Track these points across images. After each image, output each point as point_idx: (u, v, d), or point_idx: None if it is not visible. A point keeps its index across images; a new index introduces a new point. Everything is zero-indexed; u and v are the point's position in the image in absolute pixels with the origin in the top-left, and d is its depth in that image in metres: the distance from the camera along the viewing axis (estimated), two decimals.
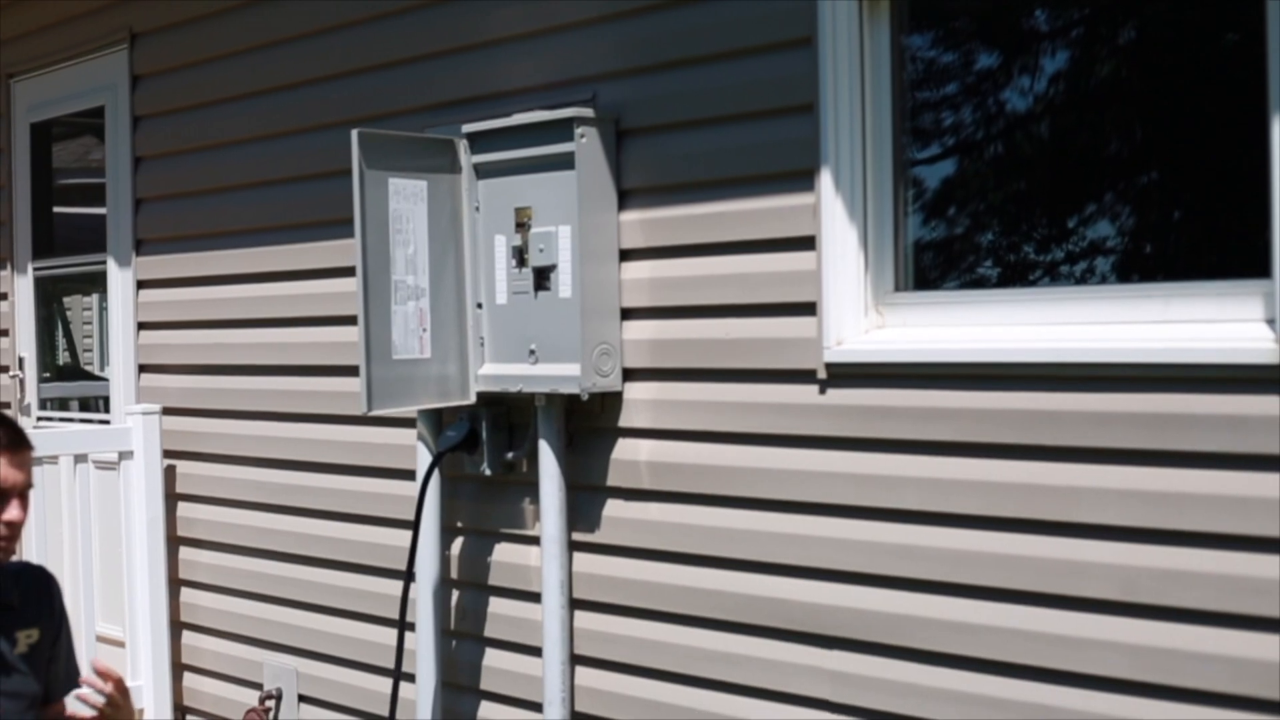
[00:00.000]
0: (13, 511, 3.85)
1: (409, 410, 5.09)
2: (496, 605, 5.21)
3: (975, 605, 3.91)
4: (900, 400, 4.06)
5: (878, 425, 4.11)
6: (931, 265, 4.29)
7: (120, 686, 3.92)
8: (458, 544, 5.34)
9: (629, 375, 4.73)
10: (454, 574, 5.34)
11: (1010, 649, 3.84)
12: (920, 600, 4.02)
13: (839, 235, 4.20)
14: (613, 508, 4.80)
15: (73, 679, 4.17)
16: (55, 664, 4.10)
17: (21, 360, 7.89)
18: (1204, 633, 3.51)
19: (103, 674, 3.91)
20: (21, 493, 3.89)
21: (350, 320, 5.20)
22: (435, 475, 5.19)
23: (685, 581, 4.59)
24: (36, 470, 6.02)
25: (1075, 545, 3.72)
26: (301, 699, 6.06)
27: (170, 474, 6.65)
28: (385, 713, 5.36)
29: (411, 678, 5.31)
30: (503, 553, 5.18)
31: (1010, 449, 3.84)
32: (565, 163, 4.69)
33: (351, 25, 5.72)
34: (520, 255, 4.85)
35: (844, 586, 4.19)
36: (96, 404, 7.74)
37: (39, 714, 4.03)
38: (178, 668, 6.67)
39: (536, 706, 4.96)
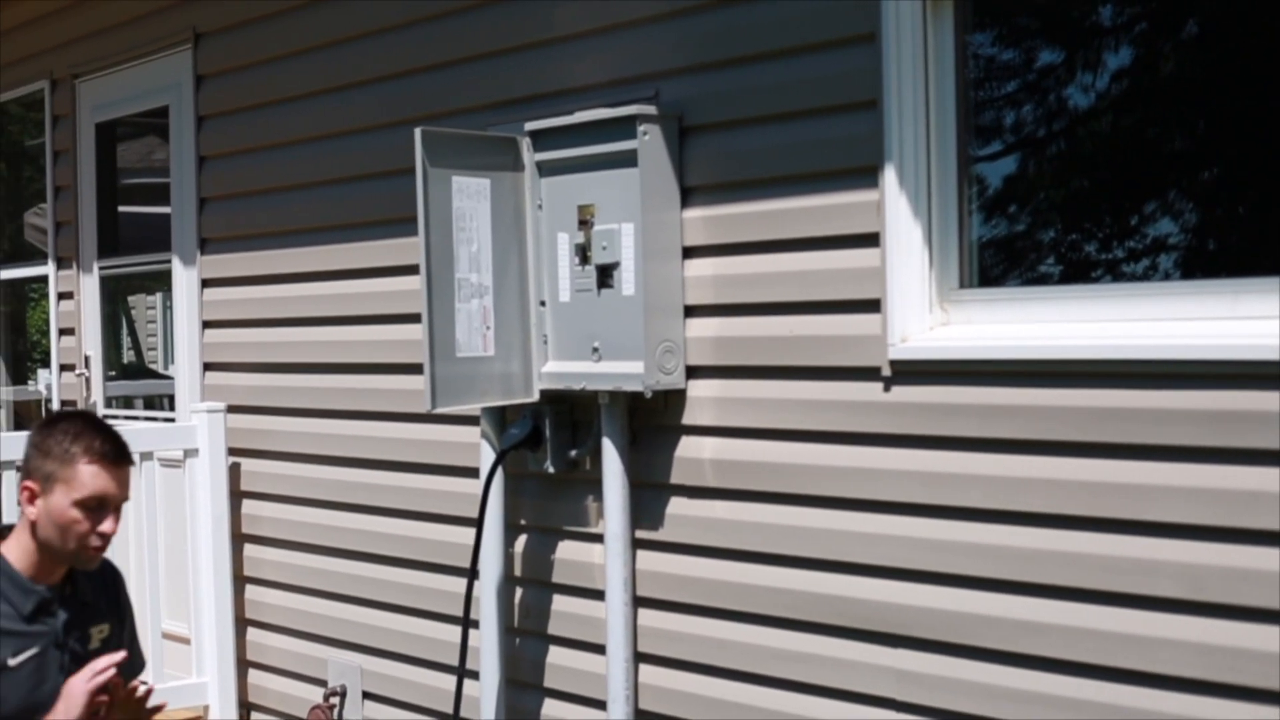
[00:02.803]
0: (108, 524, 3.94)
1: (473, 408, 5.10)
2: (560, 603, 5.21)
3: (1042, 604, 3.89)
4: (965, 398, 4.04)
5: (943, 423, 4.09)
6: (996, 262, 4.26)
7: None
8: (521, 541, 5.35)
9: (692, 373, 4.73)
10: (517, 571, 5.35)
11: (1078, 648, 3.82)
12: (987, 599, 4.00)
13: (903, 232, 4.18)
14: (676, 505, 4.79)
15: (136, 667, 4.26)
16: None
17: (87, 359, 7.94)
18: (1274, 632, 3.47)
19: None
20: (118, 506, 3.98)
21: (414, 318, 5.21)
22: (499, 473, 5.20)
23: (749, 579, 4.58)
24: None
25: (1143, 544, 3.70)
26: (366, 696, 6.08)
27: (235, 471, 6.69)
28: (449, 710, 5.38)
29: (475, 675, 5.32)
30: (566, 550, 5.18)
31: (1077, 447, 3.82)
32: (628, 160, 4.69)
33: (414, 24, 5.74)
34: (583, 253, 4.85)
35: (910, 585, 4.17)
36: (161, 402, 7.79)
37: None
38: (243, 664, 6.71)
39: (600, 704, 4.96)
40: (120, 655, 3.93)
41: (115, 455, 3.98)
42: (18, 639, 3.93)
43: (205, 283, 6.96)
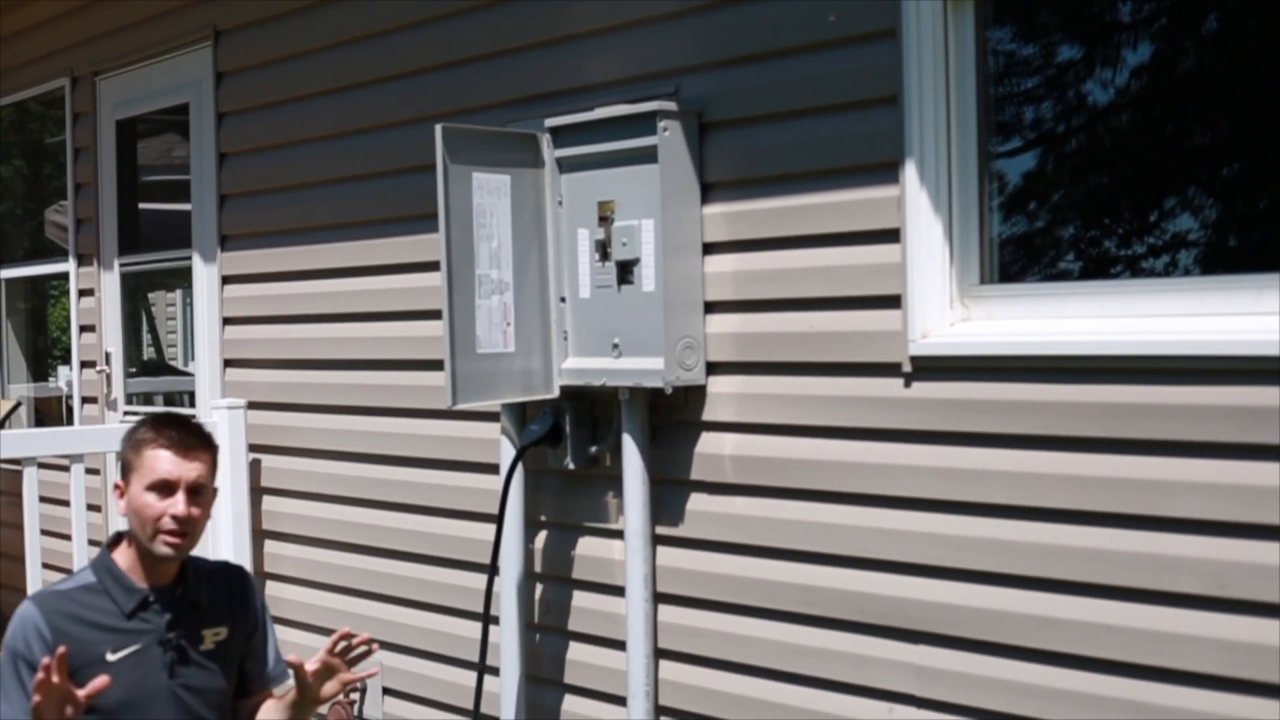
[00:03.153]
0: (179, 506, 3.97)
1: (493, 404, 5.11)
2: (580, 599, 5.22)
3: (1063, 600, 3.88)
4: (987, 393, 4.04)
5: (964, 419, 4.09)
6: (1016, 258, 4.26)
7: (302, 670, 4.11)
8: (541, 538, 5.35)
9: (712, 369, 4.73)
10: (538, 568, 5.36)
11: (1099, 644, 3.81)
12: (1007, 595, 4.00)
13: (924, 228, 4.18)
14: (696, 501, 4.79)
15: (274, 672, 4.34)
16: (251, 659, 4.27)
17: (108, 355, 7.96)
18: None
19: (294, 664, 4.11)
20: (190, 489, 4.00)
21: (434, 315, 5.22)
22: (519, 469, 5.21)
23: (769, 576, 4.58)
24: None
25: (1165, 540, 3.69)
26: (386, 692, 6.09)
27: (255, 468, 6.70)
28: (470, 706, 5.38)
29: (495, 671, 5.33)
30: (586, 546, 5.18)
31: (1098, 443, 3.81)
32: (648, 156, 4.69)
33: (434, 21, 5.75)
34: (603, 249, 4.85)
35: (930, 581, 4.17)
36: (181, 399, 7.81)
37: (230, 706, 4.21)
38: None
39: (620, 700, 4.96)
40: (99, 682, 3.87)
41: (181, 439, 4.04)
42: (119, 635, 4.00)
43: (225, 279, 6.97)
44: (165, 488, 3.99)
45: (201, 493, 4.04)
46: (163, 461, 4.00)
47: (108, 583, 4.04)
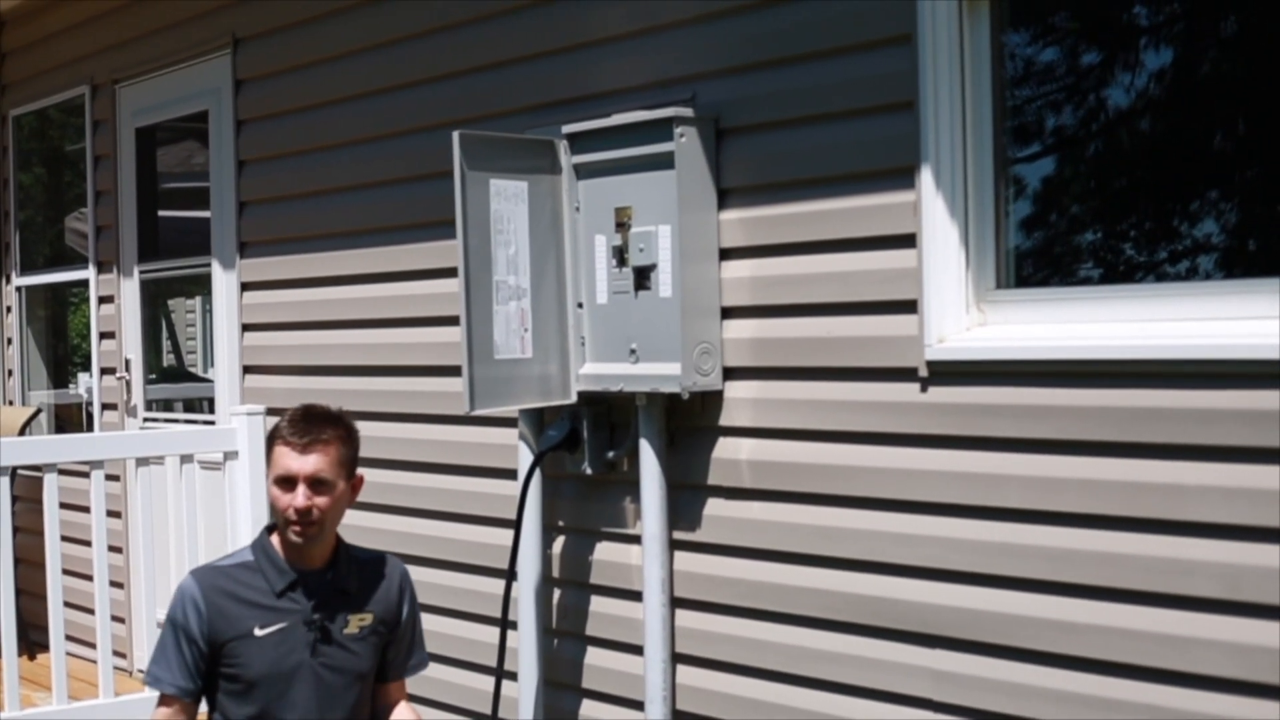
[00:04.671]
0: (299, 499, 4.17)
1: (511, 410, 5.13)
2: (598, 604, 5.23)
3: (1078, 604, 3.89)
4: (1003, 398, 4.04)
5: (980, 423, 4.09)
6: (1033, 263, 4.26)
7: None
8: (559, 543, 5.36)
9: (729, 374, 4.74)
10: (555, 573, 5.37)
11: (1114, 648, 3.82)
12: (1023, 599, 4.00)
13: (940, 233, 4.19)
14: (714, 506, 4.80)
15: (413, 663, 4.57)
16: (394, 648, 4.46)
17: (128, 362, 7.99)
18: None
19: None
20: (310, 481, 4.19)
21: (452, 321, 5.23)
22: (537, 474, 5.22)
23: (786, 580, 4.59)
24: (143, 471, 6.15)
25: (1180, 543, 3.69)
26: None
27: None
28: (487, 710, 5.39)
29: (513, 676, 5.34)
30: (604, 551, 5.19)
31: (1114, 446, 3.82)
32: (665, 162, 4.70)
33: (451, 28, 5.76)
34: (620, 255, 4.87)
35: (946, 585, 4.18)
36: (200, 405, 7.83)
37: (368, 689, 4.39)
38: None
39: (638, 705, 4.97)
40: None
41: (297, 435, 4.22)
42: (267, 612, 4.23)
43: (245, 286, 6.99)
44: (287, 482, 4.20)
45: (323, 484, 4.21)
46: (282, 457, 4.21)
47: (263, 562, 4.28)
